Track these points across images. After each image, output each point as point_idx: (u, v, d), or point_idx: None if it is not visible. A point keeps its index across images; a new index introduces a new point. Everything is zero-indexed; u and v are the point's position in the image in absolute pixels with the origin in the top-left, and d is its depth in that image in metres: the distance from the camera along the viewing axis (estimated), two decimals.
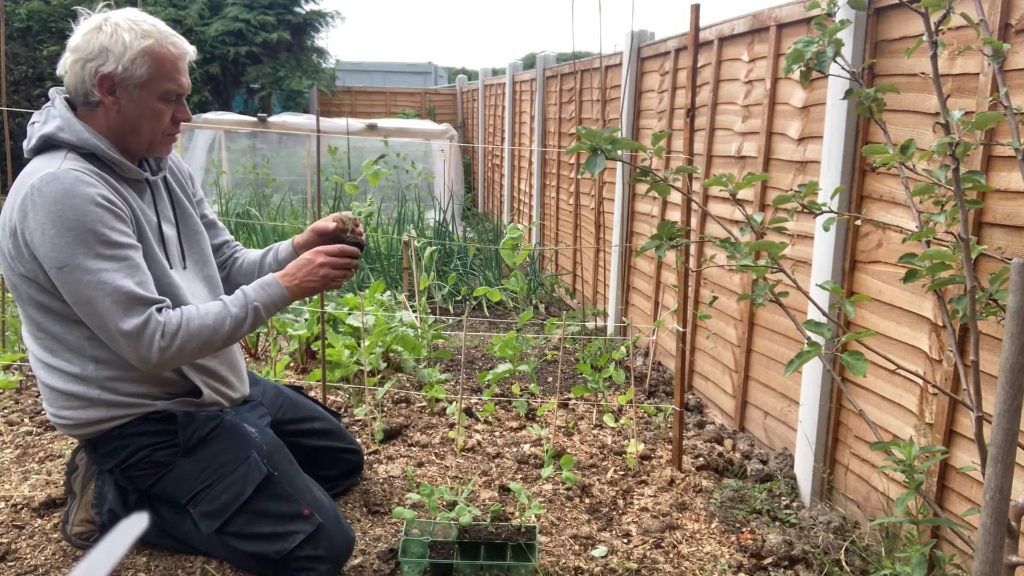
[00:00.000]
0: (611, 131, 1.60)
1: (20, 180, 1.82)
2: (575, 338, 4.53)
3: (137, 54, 1.81)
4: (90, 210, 1.74)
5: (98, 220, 1.75)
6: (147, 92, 1.86)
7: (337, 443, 2.41)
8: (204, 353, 1.89)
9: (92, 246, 1.74)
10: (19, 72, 11.11)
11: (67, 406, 1.92)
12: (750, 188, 2.97)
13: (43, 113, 1.89)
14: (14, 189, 1.82)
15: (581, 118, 5.50)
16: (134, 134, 1.90)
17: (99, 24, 1.83)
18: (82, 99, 1.86)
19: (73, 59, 1.83)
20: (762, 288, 1.69)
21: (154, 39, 1.84)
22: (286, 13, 12.78)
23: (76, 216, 1.73)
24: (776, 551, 2.25)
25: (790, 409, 2.86)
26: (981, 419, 1.44)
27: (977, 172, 1.58)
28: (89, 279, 1.73)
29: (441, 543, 2.09)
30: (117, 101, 1.85)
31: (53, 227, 1.72)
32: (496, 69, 9.73)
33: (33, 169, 1.81)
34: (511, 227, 4.68)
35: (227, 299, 1.92)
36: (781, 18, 2.87)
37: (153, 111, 1.88)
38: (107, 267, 1.75)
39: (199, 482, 1.93)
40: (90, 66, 1.81)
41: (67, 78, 1.86)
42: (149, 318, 1.77)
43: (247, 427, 2.04)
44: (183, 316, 1.83)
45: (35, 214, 1.73)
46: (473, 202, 10.51)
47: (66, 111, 1.85)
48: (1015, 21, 1.88)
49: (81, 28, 1.85)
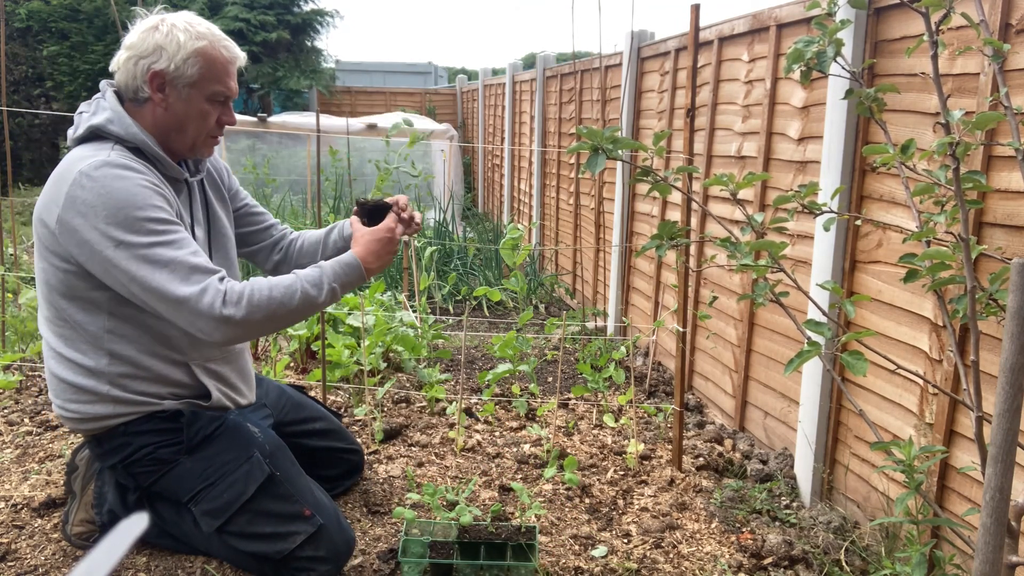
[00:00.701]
0: (612, 131, 1.60)
1: (65, 166, 1.82)
2: (575, 338, 4.53)
3: (190, 54, 1.86)
4: (142, 192, 1.76)
5: (150, 202, 1.77)
6: (196, 92, 1.89)
7: (338, 443, 2.41)
8: (271, 326, 1.85)
9: (145, 224, 1.75)
10: (19, 72, 11.11)
11: (74, 399, 1.92)
12: (750, 188, 2.97)
13: (92, 104, 1.91)
14: (57, 176, 1.82)
15: (581, 118, 5.50)
16: (179, 133, 1.92)
17: (156, 24, 1.87)
18: (131, 95, 1.89)
19: (127, 56, 1.86)
20: (762, 288, 1.69)
21: (207, 41, 1.88)
22: (286, 13, 12.78)
23: (128, 197, 1.74)
24: (776, 551, 2.25)
25: (790, 409, 2.86)
26: (981, 419, 1.44)
27: (977, 172, 1.58)
28: (144, 253, 1.74)
29: (441, 543, 2.09)
30: (166, 99, 1.88)
31: (105, 208, 1.73)
32: (496, 69, 9.73)
33: (79, 156, 1.82)
34: (511, 227, 4.68)
35: (301, 273, 1.88)
36: (781, 18, 2.87)
37: (200, 111, 1.91)
38: (161, 240, 1.76)
39: (201, 480, 1.94)
40: (143, 63, 1.85)
41: (119, 74, 1.89)
42: (208, 285, 1.76)
43: (250, 427, 2.04)
44: (248, 286, 1.80)
45: (85, 197, 1.74)
46: (473, 202, 10.51)
47: (116, 104, 1.88)
48: (1015, 21, 1.88)
49: (138, 27, 1.89)
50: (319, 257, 2.26)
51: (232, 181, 2.26)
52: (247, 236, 2.30)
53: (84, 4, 11.45)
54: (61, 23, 11.37)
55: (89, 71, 11.38)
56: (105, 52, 11.45)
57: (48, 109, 11.03)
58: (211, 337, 1.78)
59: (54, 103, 11.25)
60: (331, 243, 2.27)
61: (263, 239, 2.32)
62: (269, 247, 2.32)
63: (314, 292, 1.86)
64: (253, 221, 2.30)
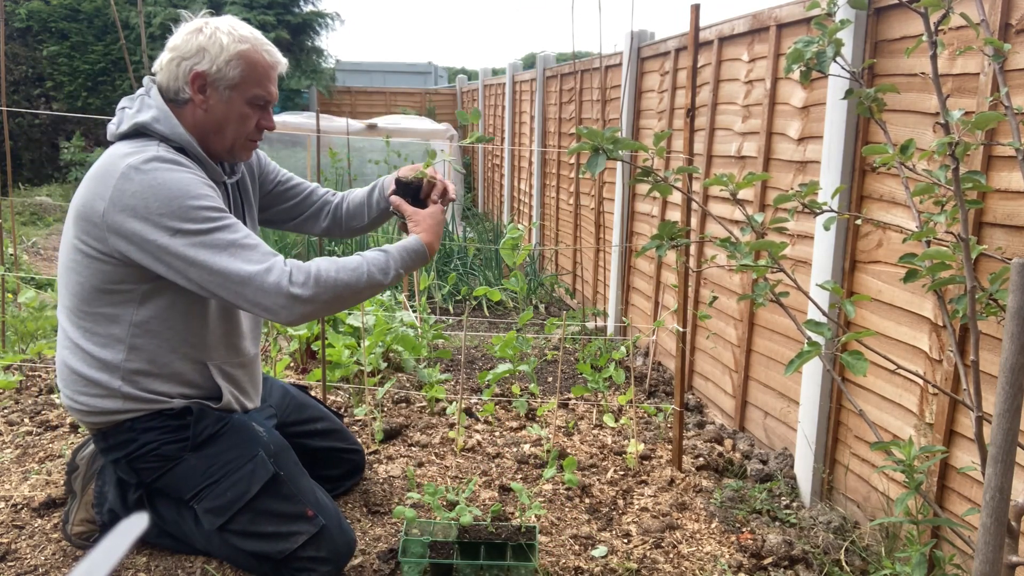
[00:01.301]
0: (612, 131, 1.60)
1: (109, 161, 1.82)
2: (575, 338, 4.53)
3: (232, 56, 1.87)
4: (194, 182, 1.79)
5: (202, 191, 1.79)
6: (236, 94, 1.91)
7: (340, 444, 2.41)
8: (338, 306, 1.85)
9: (201, 212, 1.76)
10: (19, 72, 11.11)
11: (85, 392, 1.92)
12: (750, 188, 2.97)
13: (135, 101, 1.91)
14: (102, 171, 1.82)
15: (581, 118, 5.50)
16: (218, 134, 1.94)
17: (200, 27, 1.90)
18: (172, 95, 1.90)
19: (170, 57, 1.88)
20: (762, 288, 1.69)
21: (250, 44, 1.90)
22: (286, 13, 12.78)
23: (182, 188, 1.76)
24: (776, 551, 2.25)
25: (790, 409, 2.86)
26: (981, 419, 1.44)
27: (977, 172, 1.58)
28: (204, 240, 1.75)
29: (441, 543, 2.09)
30: (207, 100, 1.89)
31: (157, 199, 1.74)
32: (496, 69, 9.73)
33: (124, 152, 1.82)
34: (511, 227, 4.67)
35: (368, 256, 1.89)
36: (781, 18, 2.87)
37: (240, 114, 1.93)
38: (218, 226, 1.77)
39: (205, 478, 1.94)
40: (186, 64, 1.87)
41: (161, 75, 1.91)
42: (273, 264, 1.77)
43: (255, 426, 2.05)
44: (315, 265, 1.81)
45: (135, 190, 1.75)
46: (473, 202, 10.51)
47: (162, 102, 1.88)
48: (1015, 21, 1.88)
49: (182, 30, 1.91)
50: (365, 219, 2.32)
51: (265, 164, 2.27)
52: (291, 209, 2.34)
53: (84, 4, 11.45)
54: (61, 23, 11.36)
55: (89, 71, 11.38)
56: (105, 52, 11.46)
57: (48, 109, 11.03)
58: (277, 316, 1.77)
59: (54, 103, 11.24)
60: (374, 203, 2.30)
61: (307, 208, 2.35)
62: (315, 214, 2.35)
63: (380, 276, 1.88)
64: (293, 194, 2.33)
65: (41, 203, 9.14)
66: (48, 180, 11.03)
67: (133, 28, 11.40)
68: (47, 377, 3.45)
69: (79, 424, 2.00)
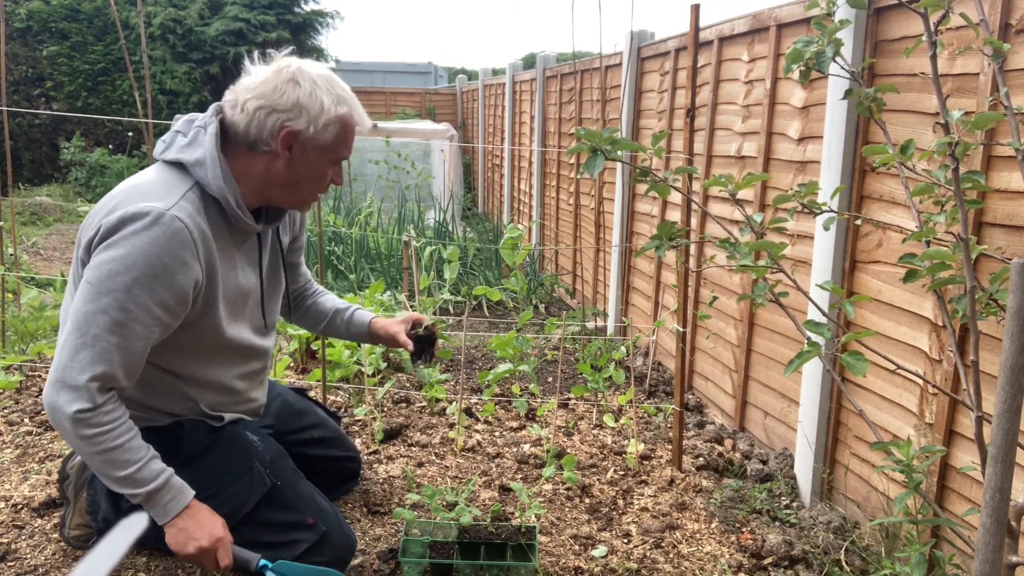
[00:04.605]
0: (611, 132, 1.60)
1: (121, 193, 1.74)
2: (575, 338, 4.53)
3: (331, 120, 1.77)
4: (164, 272, 1.67)
5: (163, 285, 1.68)
6: (323, 156, 1.81)
7: (337, 451, 2.38)
8: (81, 455, 1.73)
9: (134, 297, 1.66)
10: (19, 72, 11.11)
11: None
12: (750, 188, 2.97)
13: (191, 132, 1.80)
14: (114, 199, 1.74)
15: (581, 118, 5.50)
16: (292, 189, 1.85)
17: (294, 76, 1.75)
18: (246, 141, 1.78)
19: (258, 104, 1.74)
20: (762, 288, 1.69)
21: (348, 108, 1.81)
22: (286, 13, 12.78)
23: (146, 268, 1.65)
24: (776, 551, 2.25)
25: (790, 409, 2.86)
26: (981, 419, 1.44)
27: (977, 172, 1.58)
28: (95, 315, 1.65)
29: (441, 543, 2.09)
30: (292, 158, 1.79)
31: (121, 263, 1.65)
32: (496, 69, 9.73)
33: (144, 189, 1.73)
34: (511, 227, 4.68)
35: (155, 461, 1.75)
36: (781, 18, 2.87)
37: (319, 173, 1.84)
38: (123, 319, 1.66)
39: (200, 492, 1.87)
40: (278, 117, 1.74)
41: (240, 116, 1.76)
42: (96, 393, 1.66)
43: (249, 436, 2.01)
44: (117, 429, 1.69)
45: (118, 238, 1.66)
46: (473, 202, 10.51)
47: (215, 149, 1.75)
48: (1015, 21, 1.88)
49: (269, 74, 1.76)
50: (338, 334, 2.36)
51: (302, 231, 2.20)
52: None
53: (84, 4, 11.45)
54: (61, 23, 11.37)
55: (89, 71, 11.38)
56: (105, 52, 11.46)
57: (48, 109, 11.03)
58: (44, 401, 1.69)
59: (54, 103, 11.25)
60: (337, 323, 2.33)
61: (291, 294, 2.31)
62: (291, 300, 2.31)
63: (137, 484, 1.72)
64: (292, 275, 2.25)
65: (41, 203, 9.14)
66: (48, 180, 11.03)
67: (133, 28, 11.40)
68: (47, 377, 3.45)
69: None
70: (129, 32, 11.48)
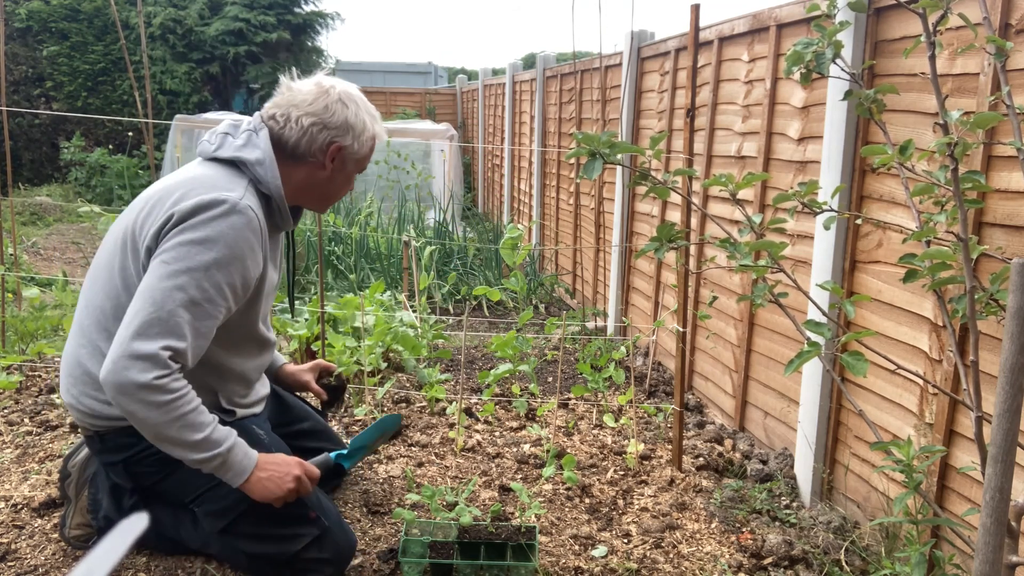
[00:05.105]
0: (609, 135, 1.60)
1: (185, 184, 1.83)
2: (575, 338, 4.53)
3: (370, 136, 2.00)
4: (240, 257, 1.79)
5: (233, 266, 1.78)
6: (355, 167, 2.03)
7: (326, 444, 2.40)
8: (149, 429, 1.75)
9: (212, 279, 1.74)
10: (19, 72, 11.11)
11: (93, 395, 1.89)
12: (750, 188, 2.97)
13: (242, 134, 1.93)
14: (177, 189, 1.82)
15: (581, 118, 5.50)
16: (324, 195, 2.04)
17: (341, 98, 1.95)
18: (291, 150, 1.94)
19: (311, 121, 1.92)
20: (761, 289, 1.69)
21: (379, 125, 2.04)
22: (286, 13, 12.78)
23: (225, 251, 1.76)
24: (776, 551, 2.25)
25: (790, 409, 2.86)
26: (981, 419, 1.44)
27: (977, 172, 1.58)
28: (171, 293, 1.71)
29: (441, 543, 2.09)
30: (333, 169, 1.98)
31: (200, 244, 1.74)
32: (496, 69, 9.73)
33: (211, 182, 1.83)
34: (511, 227, 4.68)
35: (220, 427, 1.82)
36: (781, 18, 2.87)
37: (349, 181, 2.06)
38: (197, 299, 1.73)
39: (207, 480, 1.91)
40: (327, 134, 1.93)
41: (291, 131, 1.92)
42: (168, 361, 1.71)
43: (256, 429, 2.04)
44: (190, 394, 1.75)
45: (196, 223, 1.75)
46: (473, 202, 10.51)
47: (271, 151, 1.91)
48: (1015, 21, 1.88)
49: (318, 93, 1.94)
50: None
51: None
52: None
53: (84, 4, 11.45)
54: (61, 23, 11.36)
55: (89, 71, 11.38)
56: (105, 52, 11.46)
57: (48, 109, 11.03)
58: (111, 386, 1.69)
59: (54, 103, 11.25)
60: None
61: None
62: None
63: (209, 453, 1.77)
64: None
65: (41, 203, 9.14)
66: (48, 180, 11.03)
67: (133, 28, 11.40)
68: (47, 377, 3.45)
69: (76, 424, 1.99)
70: (129, 32, 11.48)
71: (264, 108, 1.99)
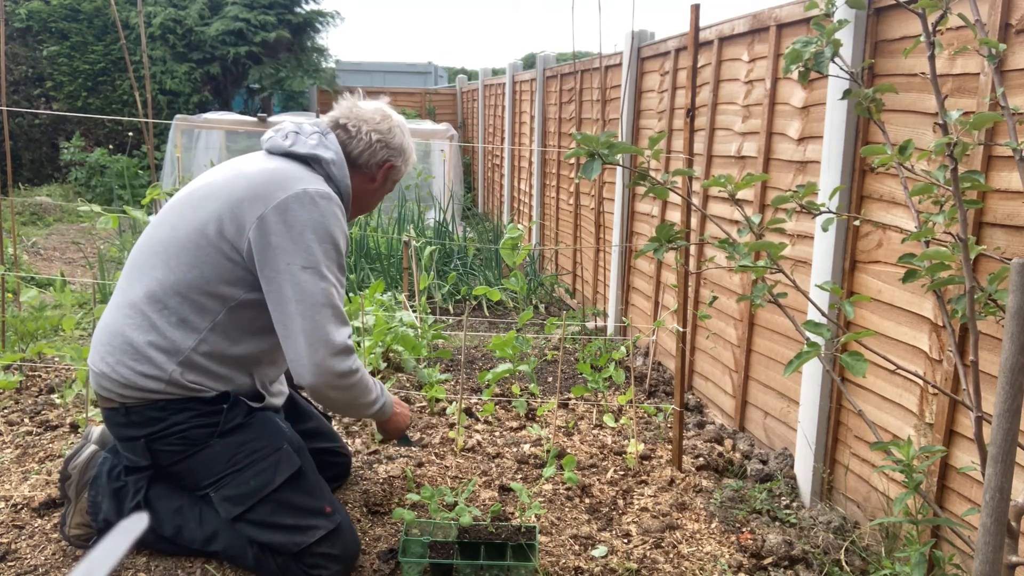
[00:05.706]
0: (608, 136, 1.60)
1: (278, 175, 1.96)
2: (575, 338, 4.53)
3: (412, 162, 2.26)
4: (342, 237, 1.99)
5: (343, 248, 1.99)
6: (391, 185, 2.27)
7: (328, 444, 2.43)
8: (347, 405, 2.06)
9: (336, 262, 1.96)
10: (19, 72, 11.11)
11: (132, 366, 1.92)
12: (750, 188, 2.97)
13: (313, 134, 2.08)
14: (267, 180, 1.94)
15: (581, 118, 5.50)
16: (363, 205, 2.24)
17: (400, 123, 2.21)
18: (353, 159, 2.14)
19: (378, 138, 2.15)
20: (761, 289, 1.69)
21: (414, 150, 2.28)
22: (286, 13, 12.77)
23: (335, 236, 1.95)
24: (776, 551, 2.25)
25: (790, 409, 2.86)
26: (981, 419, 1.44)
27: (976, 172, 1.58)
28: (324, 287, 1.90)
29: (441, 543, 2.09)
30: (381, 183, 2.21)
31: (314, 233, 1.91)
32: (496, 69, 9.73)
33: (298, 174, 1.98)
34: (511, 227, 4.68)
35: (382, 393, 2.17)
36: (781, 18, 2.87)
37: (382, 197, 2.29)
38: (336, 284, 1.95)
39: (229, 465, 1.96)
40: (387, 153, 2.17)
41: (359, 142, 2.13)
42: (348, 342, 1.95)
43: (279, 421, 2.10)
44: (361, 367, 2.02)
45: (301, 214, 1.90)
46: (473, 202, 10.51)
47: (342, 152, 2.11)
48: (1015, 21, 1.88)
49: (383, 115, 2.17)
50: None
51: None
52: None
53: (84, 4, 11.45)
54: (61, 23, 11.36)
55: (89, 71, 11.38)
56: (105, 52, 11.46)
57: (48, 109, 11.03)
58: (311, 374, 1.89)
59: (54, 103, 11.24)
60: None
61: None
62: None
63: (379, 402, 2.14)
64: None
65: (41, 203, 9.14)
66: (48, 180, 11.02)
67: (133, 28, 11.39)
68: (47, 377, 3.45)
69: (101, 395, 2.00)
70: (129, 32, 11.47)
71: (327, 116, 2.17)
